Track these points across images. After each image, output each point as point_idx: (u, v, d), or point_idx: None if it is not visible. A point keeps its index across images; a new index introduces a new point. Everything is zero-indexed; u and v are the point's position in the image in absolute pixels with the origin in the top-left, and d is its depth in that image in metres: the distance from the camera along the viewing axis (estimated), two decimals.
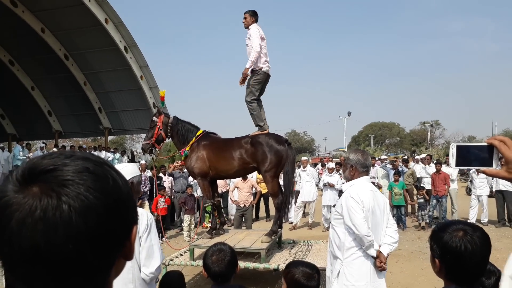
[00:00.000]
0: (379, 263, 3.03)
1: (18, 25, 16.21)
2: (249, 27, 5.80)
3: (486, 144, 1.24)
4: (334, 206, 3.38)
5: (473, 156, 1.27)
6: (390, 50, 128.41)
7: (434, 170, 10.19)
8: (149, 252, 2.48)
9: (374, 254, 3.02)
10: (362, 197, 3.05)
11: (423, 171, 11.04)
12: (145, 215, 2.55)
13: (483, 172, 1.26)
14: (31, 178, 0.57)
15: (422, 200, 9.88)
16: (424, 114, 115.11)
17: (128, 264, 2.66)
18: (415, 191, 10.96)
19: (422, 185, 10.67)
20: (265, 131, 5.80)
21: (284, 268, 2.30)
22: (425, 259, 6.85)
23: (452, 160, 1.28)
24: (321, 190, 10.56)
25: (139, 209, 2.68)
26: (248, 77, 5.80)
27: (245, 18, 5.85)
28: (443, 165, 10.39)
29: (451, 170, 10.29)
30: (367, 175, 3.26)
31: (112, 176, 0.62)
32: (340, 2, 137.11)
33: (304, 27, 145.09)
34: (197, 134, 5.99)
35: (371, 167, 12.52)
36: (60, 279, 0.57)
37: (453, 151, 1.28)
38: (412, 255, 7.46)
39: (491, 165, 1.24)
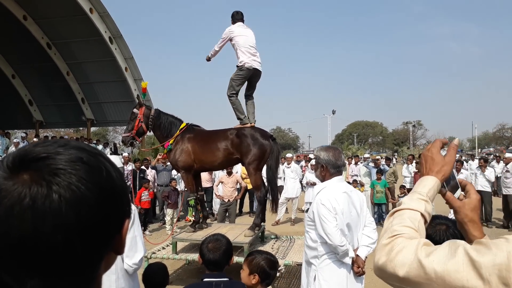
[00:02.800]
0: (357, 268, 2.90)
1: None
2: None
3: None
4: (306, 211, 3.21)
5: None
6: (375, 51, 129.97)
7: (415, 170, 10.36)
8: (132, 243, 2.46)
9: (349, 262, 2.88)
10: (334, 203, 2.84)
11: (405, 170, 11.21)
12: None
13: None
14: (22, 165, 0.55)
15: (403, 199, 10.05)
16: (407, 115, 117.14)
17: None
18: (396, 190, 11.14)
19: (403, 183, 10.84)
20: (247, 125, 5.83)
21: (247, 256, 2.39)
22: None
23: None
24: (305, 186, 10.64)
25: None
26: (234, 72, 5.89)
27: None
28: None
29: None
30: (340, 174, 3.05)
31: (106, 168, 0.60)
32: (327, 3, 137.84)
33: (291, 25, 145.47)
34: (180, 127, 5.95)
35: (355, 165, 12.77)
36: (47, 272, 0.55)
37: None
38: None
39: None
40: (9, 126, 19.38)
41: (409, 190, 10.34)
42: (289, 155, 11.70)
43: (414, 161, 11.23)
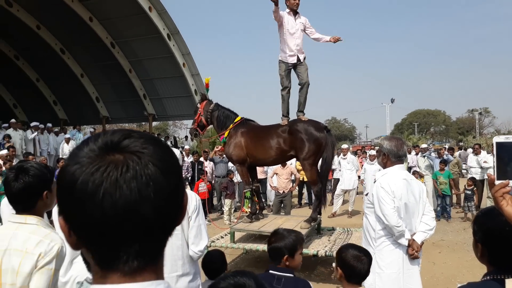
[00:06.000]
0: (411, 251, 3.04)
1: (68, 15, 16.90)
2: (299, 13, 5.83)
3: None
4: (367, 194, 3.36)
5: None
6: (438, 34, 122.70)
7: (485, 160, 9.72)
8: (198, 231, 2.61)
9: (405, 243, 3.03)
10: (393, 187, 3.02)
11: (473, 161, 10.52)
12: (194, 197, 2.68)
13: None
14: (113, 147, 0.63)
15: (469, 192, 9.47)
16: (472, 101, 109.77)
17: (178, 242, 2.78)
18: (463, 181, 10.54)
19: (470, 175, 10.22)
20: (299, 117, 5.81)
21: (338, 249, 2.38)
22: (471, 251, 6.54)
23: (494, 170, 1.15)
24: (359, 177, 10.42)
25: (189, 191, 2.82)
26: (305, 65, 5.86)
27: None
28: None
29: (488, 156, 9.76)
30: (401, 163, 3.21)
31: (170, 147, 0.70)
32: None
33: (345, 9, 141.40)
34: (235, 121, 6.07)
35: (416, 156, 12.24)
36: (147, 237, 0.63)
37: (494, 155, 1.15)
38: (456, 246, 7.23)
39: None
40: (80, 122, 20.89)
41: (481, 182, 9.76)
42: (345, 146, 11.47)
43: (483, 151, 10.53)
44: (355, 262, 2.21)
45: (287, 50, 5.76)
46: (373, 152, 10.28)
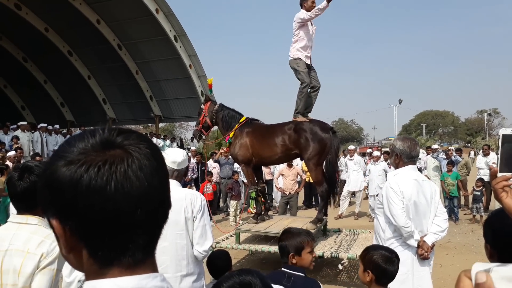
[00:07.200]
0: (421, 251, 3.02)
1: (76, 17, 17.07)
2: None
3: None
4: (377, 195, 3.35)
5: None
6: (447, 33, 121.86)
7: (494, 162, 9.60)
8: (202, 231, 2.61)
9: (414, 244, 3.01)
10: (402, 188, 3.01)
11: (481, 162, 10.41)
12: (199, 197, 2.67)
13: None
14: (109, 143, 0.64)
15: (478, 193, 9.36)
16: (481, 102, 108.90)
17: (182, 242, 2.78)
18: (471, 182, 10.42)
19: (479, 176, 10.09)
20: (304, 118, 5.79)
21: (362, 251, 2.30)
22: (479, 253, 6.55)
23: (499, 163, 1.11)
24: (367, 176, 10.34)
25: (194, 191, 2.81)
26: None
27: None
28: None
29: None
30: (414, 164, 3.18)
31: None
32: None
33: (353, 9, 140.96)
34: (240, 121, 6.07)
35: (426, 156, 12.13)
36: (154, 224, 0.66)
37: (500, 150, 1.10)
38: (464, 248, 7.15)
39: None
40: (87, 123, 21.01)
41: (490, 183, 9.64)
42: (351, 147, 11.40)
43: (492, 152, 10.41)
44: (387, 264, 2.13)
45: (303, 51, 5.74)
46: (377, 153, 10.21)
